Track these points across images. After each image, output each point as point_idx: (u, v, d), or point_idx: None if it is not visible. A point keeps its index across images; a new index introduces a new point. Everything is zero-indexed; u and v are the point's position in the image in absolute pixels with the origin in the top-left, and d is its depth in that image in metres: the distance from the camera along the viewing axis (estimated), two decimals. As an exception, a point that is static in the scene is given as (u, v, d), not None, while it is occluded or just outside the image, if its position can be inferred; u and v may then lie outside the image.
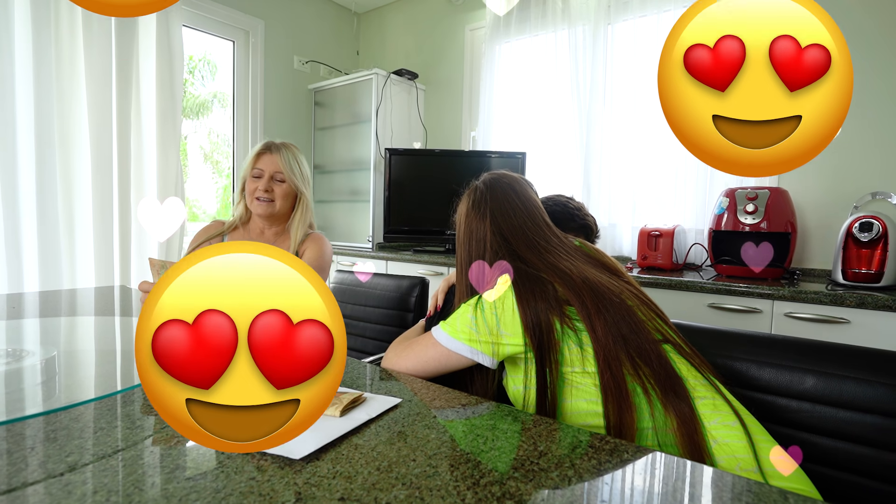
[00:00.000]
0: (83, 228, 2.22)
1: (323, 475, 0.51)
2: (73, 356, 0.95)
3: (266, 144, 1.41)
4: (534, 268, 0.86)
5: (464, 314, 0.85)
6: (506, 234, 0.92)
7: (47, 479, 0.49)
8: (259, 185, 1.38)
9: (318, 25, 3.36)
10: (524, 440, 0.61)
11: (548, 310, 0.79)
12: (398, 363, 0.90)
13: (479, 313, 0.83)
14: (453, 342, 0.84)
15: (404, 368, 0.89)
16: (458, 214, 1.00)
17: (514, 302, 0.81)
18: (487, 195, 0.97)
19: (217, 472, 0.51)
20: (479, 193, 0.98)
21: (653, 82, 2.31)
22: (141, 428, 0.62)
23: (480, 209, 0.96)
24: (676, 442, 0.71)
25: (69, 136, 2.16)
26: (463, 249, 0.96)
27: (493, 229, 0.93)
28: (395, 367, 0.90)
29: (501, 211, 0.95)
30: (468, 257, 0.95)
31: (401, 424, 0.65)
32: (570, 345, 0.78)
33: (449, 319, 0.87)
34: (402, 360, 0.90)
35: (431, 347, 0.87)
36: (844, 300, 1.48)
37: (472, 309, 0.84)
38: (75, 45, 2.15)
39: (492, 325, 0.82)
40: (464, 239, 0.97)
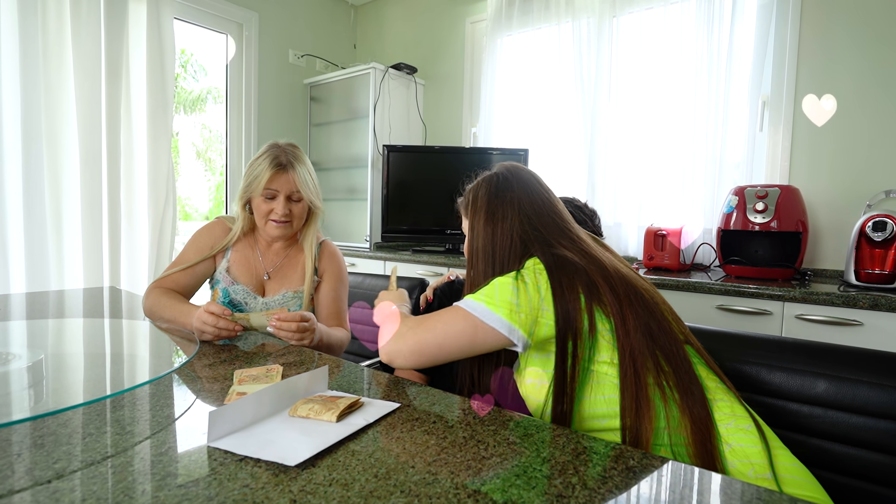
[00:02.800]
0: (71, 227, 2.21)
1: (319, 482, 0.51)
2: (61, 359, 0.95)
3: (276, 160, 1.26)
4: (568, 253, 0.85)
5: (504, 285, 0.80)
6: (535, 223, 0.90)
7: (34, 487, 0.49)
8: (275, 207, 1.27)
9: (313, 18, 3.36)
10: (526, 446, 0.61)
11: (584, 295, 0.78)
12: (409, 340, 0.82)
13: (522, 285, 0.79)
14: (490, 314, 0.79)
15: (417, 345, 0.81)
16: (474, 200, 0.96)
17: (548, 284, 0.80)
18: (513, 182, 0.95)
19: (210, 480, 0.51)
20: (503, 179, 0.96)
21: (659, 77, 2.31)
22: (131, 433, 0.62)
23: (506, 196, 0.93)
24: (687, 443, 0.71)
25: (57, 131, 2.16)
26: (481, 237, 0.93)
27: (522, 217, 0.91)
28: (405, 347, 0.83)
29: (529, 199, 0.93)
30: (489, 244, 0.91)
31: (399, 430, 0.65)
32: (604, 332, 0.78)
33: (483, 291, 0.82)
34: (417, 336, 0.82)
35: (461, 319, 0.80)
36: (857, 302, 1.48)
37: (513, 280, 0.80)
38: (63, 37, 2.15)
39: (535, 300, 0.79)
40: (483, 226, 0.93)
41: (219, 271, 1.32)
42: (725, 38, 2.13)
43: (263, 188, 1.25)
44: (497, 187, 0.95)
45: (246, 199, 1.31)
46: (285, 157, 1.27)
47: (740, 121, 2.16)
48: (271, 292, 1.33)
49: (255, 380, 0.82)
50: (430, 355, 0.82)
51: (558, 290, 0.79)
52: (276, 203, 1.27)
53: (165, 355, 1.03)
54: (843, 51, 1.97)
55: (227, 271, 1.32)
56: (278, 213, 1.27)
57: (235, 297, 1.30)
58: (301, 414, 0.67)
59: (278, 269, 1.36)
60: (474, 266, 0.94)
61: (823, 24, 2.00)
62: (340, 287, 1.39)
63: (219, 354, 0.98)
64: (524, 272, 0.82)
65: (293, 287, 1.34)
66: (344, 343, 1.31)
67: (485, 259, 0.92)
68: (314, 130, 3.30)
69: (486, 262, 0.92)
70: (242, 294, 1.30)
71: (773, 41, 2.09)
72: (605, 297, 0.79)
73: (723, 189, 2.16)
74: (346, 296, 1.41)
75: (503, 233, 0.91)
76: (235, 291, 1.30)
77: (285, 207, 1.27)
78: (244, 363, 0.93)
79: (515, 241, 0.90)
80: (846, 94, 1.97)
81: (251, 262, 1.35)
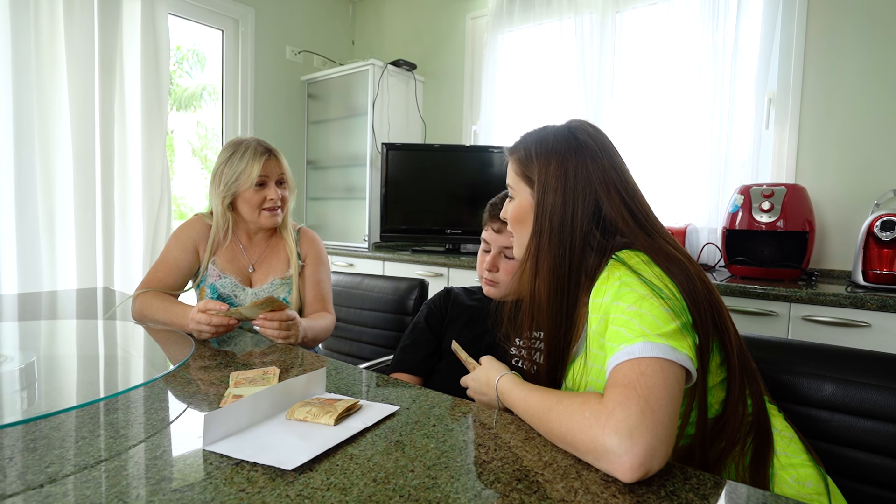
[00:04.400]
0: (64, 226, 2.21)
1: (316, 487, 0.51)
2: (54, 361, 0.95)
3: (261, 148, 1.31)
4: (673, 250, 0.73)
5: (653, 307, 0.63)
6: (627, 200, 0.76)
7: (26, 491, 0.49)
8: (268, 193, 1.31)
9: (311, 13, 3.36)
10: (528, 450, 0.61)
11: (704, 299, 0.68)
12: (655, 432, 0.54)
13: (671, 299, 0.65)
14: (681, 356, 0.60)
15: (667, 434, 0.55)
16: (545, 158, 0.78)
17: (678, 290, 0.66)
18: (596, 142, 0.79)
19: (205, 484, 0.51)
20: (584, 136, 0.79)
21: (663, 74, 2.31)
22: (125, 437, 0.62)
23: (589, 160, 0.76)
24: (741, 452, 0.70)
25: (49, 129, 2.16)
26: (555, 209, 0.75)
27: (611, 190, 0.75)
28: (657, 442, 0.54)
29: (616, 168, 0.78)
30: (566, 221, 0.75)
31: (398, 433, 0.65)
32: (716, 344, 0.70)
33: (647, 326, 0.62)
34: (655, 420, 0.54)
35: (672, 374, 0.58)
36: (865, 303, 1.48)
37: (659, 299, 0.64)
38: (56, 33, 2.15)
39: (678, 307, 0.64)
40: (556, 195, 0.75)
41: (205, 268, 1.34)
42: (731, 35, 2.13)
43: (258, 176, 1.28)
44: (578, 146, 0.77)
45: (231, 196, 1.32)
46: (264, 145, 1.33)
47: (746, 118, 2.16)
48: (258, 282, 1.36)
49: (251, 382, 0.82)
50: (673, 434, 0.57)
51: (690, 301, 0.66)
52: (269, 190, 1.31)
53: (160, 357, 1.03)
54: (851, 48, 1.97)
55: (214, 264, 1.34)
56: (273, 199, 1.31)
57: (224, 290, 1.33)
58: (298, 417, 0.67)
59: (262, 260, 1.39)
60: (538, 247, 0.77)
61: (830, 21, 2.00)
62: (323, 270, 1.44)
63: (215, 356, 0.98)
64: (652, 281, 0.66)
65: (279, 274, 1.37)
66: (328, 329, 1.35)
67: (555, 239, 0.75)
68: (312, 128, 3.30)
69: (556, 243, 0.75)
70: (231, 287, 1.33)
71: (780, 38, 2.09)
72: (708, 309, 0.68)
73: (728, 188, 2.16)
74: (328, 279, 1.46)
75: (584, 208, 0.75)
76: (223, 285, 1.32)
77: (276, 192, 1.32)
78: (240, 365, 0.93)
79: (602, 220, 0.75)
80: (853, 91, 1.97)
81: (235, 255, 1.37)
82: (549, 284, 0.76)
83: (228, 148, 1.33)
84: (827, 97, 2.02)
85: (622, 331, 0.63)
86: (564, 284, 0.75)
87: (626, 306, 0.65)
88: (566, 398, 0.63)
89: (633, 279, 0.66)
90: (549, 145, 0.79)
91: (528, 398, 0.69)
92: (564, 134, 0.80)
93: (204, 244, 1.35)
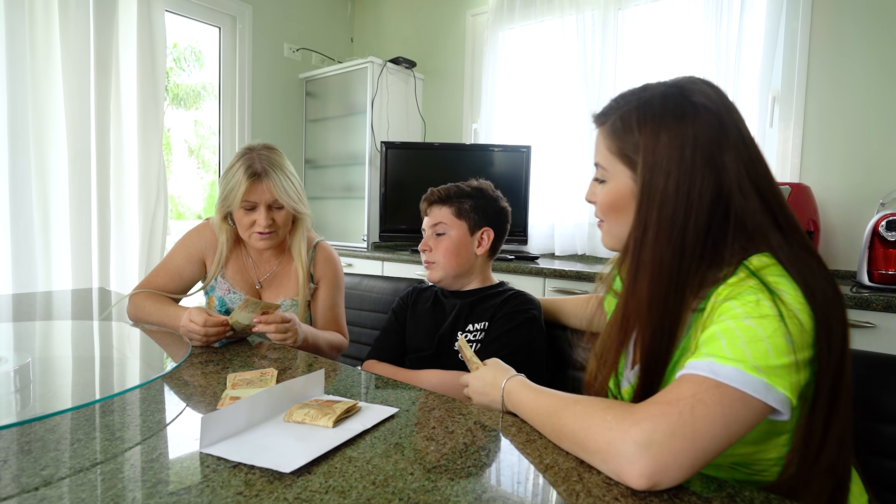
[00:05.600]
0: (59, 226, 2.21)
1: (315, 490, 0.51)
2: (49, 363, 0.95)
3: (251, 169, 1.20)
4: (809, 254, 0.61)
5: (774, 334, 0.53)
6: (762, 189, 0.62)
7: (21, 494, 0.49)
8: (256, 218, 1.22)
9: (309, 10, 3.36)
10: (529, 452, 0.61)
11: (840, 335, 0.58)
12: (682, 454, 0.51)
13: (794, 326, 0.54)
14: (777, 396, 0.53)
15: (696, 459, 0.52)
16: (653, 129, 0.63)
17: (811, 319, 0.56)
18: (724, 112, 0.63)
19: (202, 487, 0.51)
20: (707, 101, 0.62)
21: (666, 72, 2.31)
22: (121, 439, 0.62)
23: (719, 133, 0.61)
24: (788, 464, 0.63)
25: (44, 127, 2.16)
26: (667, 194, 0.61)
27: (741, 174, 0.61)
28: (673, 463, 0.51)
29: (748, 146, 0.63)
30: (680, 209, 0.60)
31: (398, 435, 0.65)
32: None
33: (753, 352, 0.53)
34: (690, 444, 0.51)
35: (742, 407, 0.52)
36: (870, 303, 1.48)
37: (781, 323, 0.54)
38: (51, 31, 2.15)
39: (803, 339, 0.55)
40: (671, 177, 0.61)
41: (213, 279, 1.31)
42: (734, 32, 2.13)
43: (241, 200, 1.20)
44: (696, 113, 0.62)
45: (225, 211, 1.26)
46: (259, 165, 1.21)
47: (750, 116, 2.16)
48: (269, 300, 1.32)
49: (249, 384, 0.82)
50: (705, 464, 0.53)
51: (822, 333, 0.56)
52: (258, 214, 1.22)
53: (156, 358, 1.03)
54: (856, 45, 1.97)
55: (223, 277, 1.31)
56: (261, 225, 1.21)
57: (232, 305, 1.30)
58: (296, 419, 0.67)
59: (271, 279, 1.35)
60: (641, 243, 0.63)
61: (835, 18, 2.00)
62: (337, 294, 1.39)
63: (212, 357, 0.98)
64: (786, 302, 0.55)
65: (290, 295, 1.33)
66: (336, 346, 1.31)
67: (664, 235, 0.61)
68: (310, 126, 3.30)
69: (666, 239, 0.61)
70: (240, 302, 1.29)
71: (784, 35, 2.09)
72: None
73: (731, 187, 2.16)
74: (342, 301, 1.41)
75: (703, 195, 0.60)
76: (233, 300, 1.30)
77: (267, 218, 1.22)
78: (238, 367, 0.93)
79: (725, 211, 0.61)
80: (858, 89, 1.97)
81: (244, 269, 1.34)
82: (653, 291, 0.62)
83: (235, 156, 1.26)
84: (832, 95, 2.02)
85: (722, 341, 0.55)
86: (672, 290, 0.62)
87: (742, 314, 0.55)
88: (587, 400, 0.61)
89: (765, 294, 0.56)
90: (657, 112, 0.63)
91: (538, 398, 0.67)
92: (675, 97, 0.64)
93: (212, 254, 1.30)
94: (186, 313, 1.05)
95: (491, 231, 1.21)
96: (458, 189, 1.22)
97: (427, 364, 1.15)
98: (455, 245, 1.18)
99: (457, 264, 1.18)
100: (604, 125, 0.69)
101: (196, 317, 1.03)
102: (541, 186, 2.69)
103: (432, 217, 1.22)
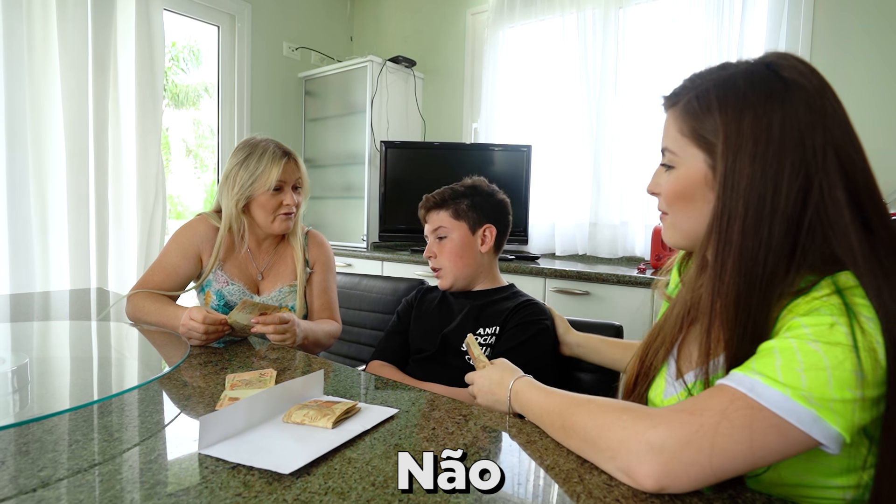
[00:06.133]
0: (57, 226, 2.21)
1: (314, 491, 0.51)
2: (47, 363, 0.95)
3: (281, 151, 1.29)
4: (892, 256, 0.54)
5: (841, 363, 0.48)
6: (859, 186, 0.55)
7: (19, 496, 0.49)
8: (284, 199, 1.29)
9: (308, 9, 3.36)
10: (530, 452, 0.61)
11: None
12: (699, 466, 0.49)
13: (869, 356, 0.48)
14: (826, 431, 0.48)
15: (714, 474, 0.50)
16: (735, 108, 0.57)
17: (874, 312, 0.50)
18: (818, 90, 0.56)
19: (200, 488, 0.51)
20: (800, 77, 0.56)
21: (668, 71, 2.31)
22: (119, 440, 0.62)
23: (813, 114, 0.54)
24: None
25: (42, 127, 2.16)
26: (756, 185, 0.55)
27: (834, 173, 0.54)
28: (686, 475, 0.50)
29: (847, 129, 0.56)
30: (767, 195, 0.54)
31: (397, 437, 0.65)
32: None
33: (812, 381, 0.48)
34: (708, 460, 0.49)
35: (775, 434, 0.48)
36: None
37: (853, 351, 0.48)
38: (48, 29, 2.15)
39: (874, 376, 0.48)
40: (752, 166, 0.55)
41: (208, 273, 1.31)
42: (736, 31, 2.13)
43: (277, 181, 1.26)
44: (786, 90, 0.56)
45: (245, 200, 1.28)
46: (283, 148, 1.31)
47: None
48: (267, 289, 1.35)
49: (247, 384, 0.82)
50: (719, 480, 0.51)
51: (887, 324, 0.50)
52: (285, 195, 1.30)
53: (154, 359, 1.03)
54: (858, 43, 1.97)
55: (221, 270, 1.32)
56: (290, 204, 1.30)
57: (231, 297, 1.30)
58: (295, 420, 0.67)
59: (270, 267, 1.38)
60: (725, 234, 0.57)
61: (837, 16, 2.00)
62: (330, 277, 1.43)
63: (210, 358, 0.98)
64: (866, 328, 0.49)
65: (288, 281, 1.36)
66: (333, 335, 1.33)
67: (750, 224, 0.55)
68: (309, 126, 3.30)
69: (752, 229, 0.55)
70: (239, 294, 1.31)
71: (786, 34, 2.09)
72: None
73: (733, 187, 2.16)
74: (335, 285, 1.45)
75: (792, 184, 0.54)
76: (231, 292, 1.30)
77: (293, 198, 1.31)
78: (237, 367, 0.93)
79: (812, 207, 0.54)
80: (861, 87, 1.97)
81: (242, 262, 1.35)
82: (738, 287, 0.56)
83: (243, 149, 1.29)
84: (834, 94, 2.02)
85: (776, 360, 0.50)
86: (758, 288, 0.56)
87: (809, 336, 0.50)
88: (602, 400, 0.59)
89: (843, 318, 0.50)
90: (740, 90, 0.57)
91: (549, 398, 0.66)
92: (761, 73, 0.57)
93: (208, 248, 1.30)
94: (186, 312, 1.06)
95: (492, 227, 1.20)
96: (452, 191, 1.22)
97: (429, 364, 1.15)
98: (458, 247, 1.18)
99: (464, 265, 1.18)
100: (675, 106, 0.64)
101: (196, 315, 1.03)
102: (541, 186, 2.69)
103: (431, 223, 1.22)
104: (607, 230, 2.47)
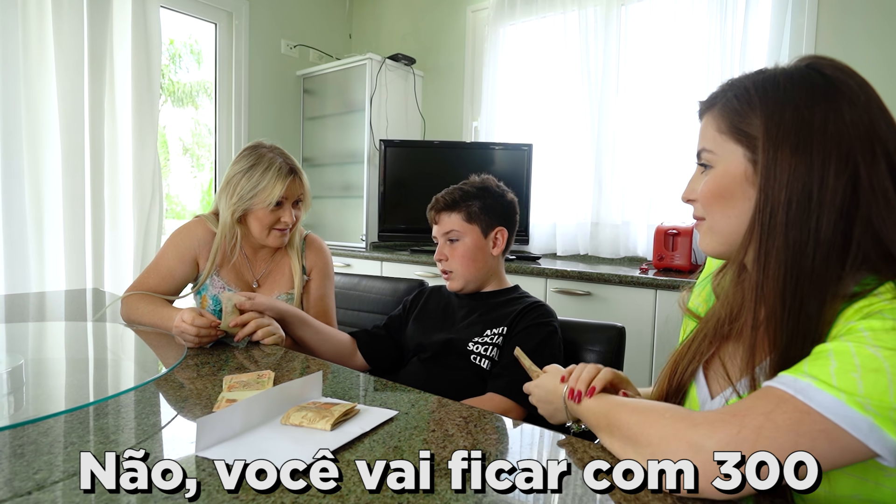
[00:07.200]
0: (53, 226, 2.22)
1: (312, 493, 0.51)
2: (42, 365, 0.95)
3: (287, 167, 1.25)
4: None
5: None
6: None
7: (13, 499, 0.49)
8: (282, 215, 1.26)
9: (307, 6, 3.36)
10: (531, 454, 0.61)
11: None
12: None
13: None
14: (883, 441, 0.45)
15: None
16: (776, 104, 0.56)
17: None
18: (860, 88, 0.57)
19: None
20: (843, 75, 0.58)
21: (670, 69, 2.31)
22: (115, 443, 0.62)
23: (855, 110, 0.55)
24: None
25: (37, 125, 2.16)
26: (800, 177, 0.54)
27: (885, 155, 0.54)
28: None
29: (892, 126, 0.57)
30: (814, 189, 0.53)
31: (397, 439, 0.65)
32: None
33: (870, 388, 0.46)
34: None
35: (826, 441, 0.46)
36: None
37: None
38: (44, 26, 2.15)
39: None
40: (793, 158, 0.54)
41: (205, 278, 1.30)
42: (739, 29, 2.13)
43: (275, 196, 1.22)
44: (828, 88, 0.56)
45: (242, 211, 1.26)
46: (289, 162, 1.27)
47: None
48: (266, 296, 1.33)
49: (245, 386, 0.82)
50: None
51: None
52: (284, 212, 1.27)
53: (151, 360, 1.03)
54: (861, 43, 1.97)
55: (218, 276, 1.31)
56: (287, 222, 1.27)
57: None
58: (294, 422, 0.67)
59: (267, 275, 1.37)
60: (769, 227, 0.55)
61: (841, 15, 2.00)
62: (328, 285, 1.42)
63: (207, 360, 0.98)
64: None
65: (285, 289, 1.35)
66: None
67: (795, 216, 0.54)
68: (307, 124, 3.30)
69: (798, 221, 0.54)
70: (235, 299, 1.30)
71: (790, 32, 2.09)
72: None
73: (736, 186, 2.16)
74: (332, 292, 1.44)
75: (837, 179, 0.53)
76: None
77: (291, 215, 1.28)
78: (234, 368, 0.93)
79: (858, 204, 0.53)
80: (866, 86, 1.97)
81: (239, 268, 1.34)
82: (784, 280, 0.54)
83: (249, 156, 1.26)
84: (838, 93, 2.02)
85: (831, 364, 0.48)
86: (807, 282, 0.53)
87: (869, 340, 0.48)
88: (649, 402, 0.59)
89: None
90: (780, 86, 0.57)
91: (598, 400, 0.64)
92: (801, 71, 0.58)
93: (206, 252, 1.29)
94: (179, 314, 1.05)
95: (504, 230, 1.21)
96: (462, 192, 1.20)
97: (433, 365, 1.15)
98: (471, 251, 1.18)
99: (476, 269, 1.18)
100: (714, 106, 0.62)
101: (188, 316, 1.03)
102: (542, 185, 2.69)
103: (442, 225, 1.21)
104: (609, 230, 2.48)
